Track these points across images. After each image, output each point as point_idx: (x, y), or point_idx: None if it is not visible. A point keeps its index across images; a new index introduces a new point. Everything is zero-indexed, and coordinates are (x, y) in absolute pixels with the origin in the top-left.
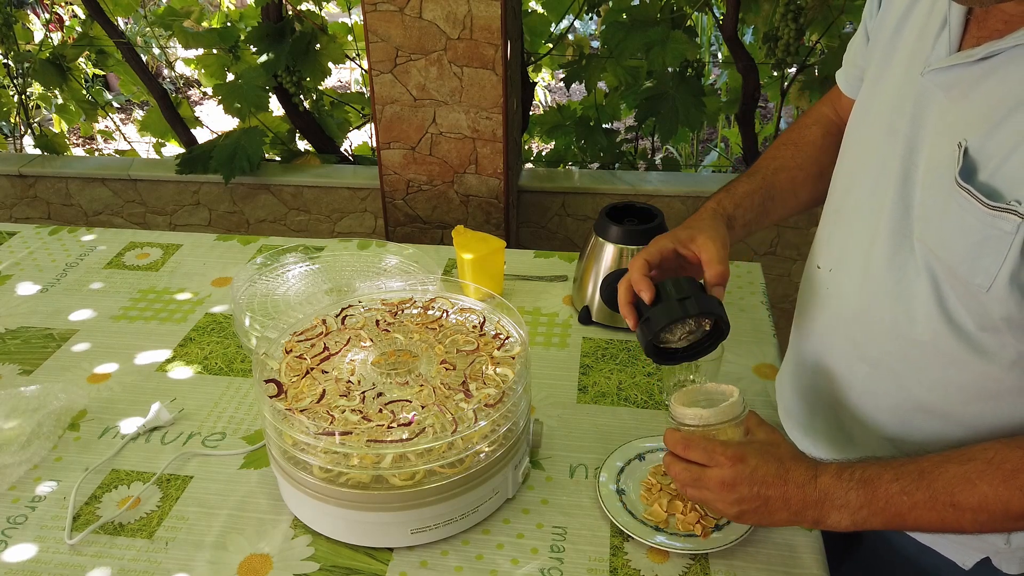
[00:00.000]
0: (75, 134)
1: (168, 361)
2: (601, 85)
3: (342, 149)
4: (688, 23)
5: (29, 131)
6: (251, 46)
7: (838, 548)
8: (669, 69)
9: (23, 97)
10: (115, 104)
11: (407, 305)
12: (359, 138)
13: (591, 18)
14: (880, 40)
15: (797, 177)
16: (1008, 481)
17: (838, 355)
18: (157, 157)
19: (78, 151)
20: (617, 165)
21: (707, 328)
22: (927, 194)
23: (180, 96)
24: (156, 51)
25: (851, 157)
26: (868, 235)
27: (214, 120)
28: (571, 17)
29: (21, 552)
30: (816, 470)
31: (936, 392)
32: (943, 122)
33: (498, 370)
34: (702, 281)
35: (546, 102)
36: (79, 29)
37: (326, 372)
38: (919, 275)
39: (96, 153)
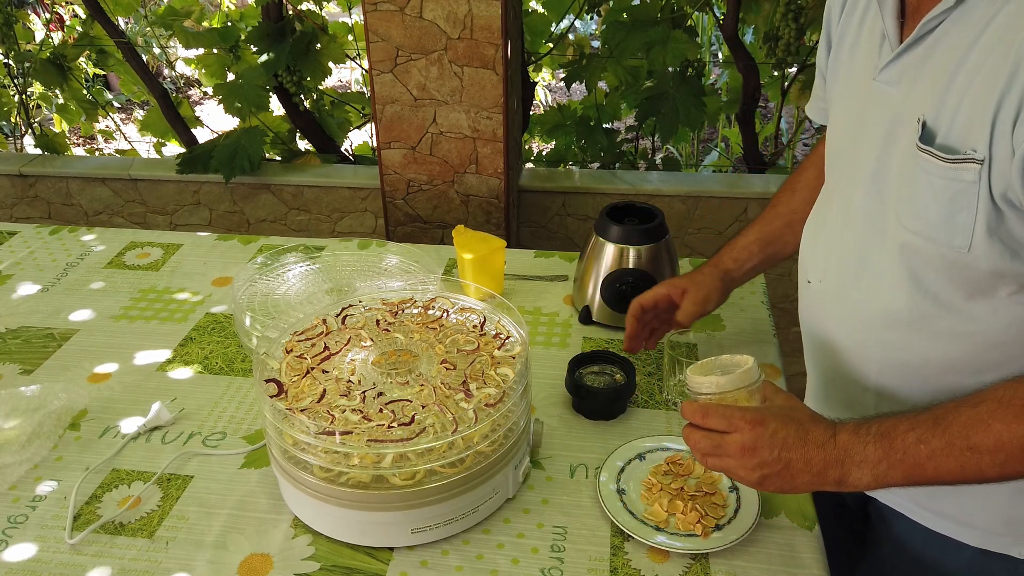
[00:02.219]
0: (75, 134)
1: (168, 361)
2: (601, 85)
3: (342, 149)
4: (688, 23)
5: (30, 131)
6: (251, 46)
7: (852, 555)
8: (669, 69)
9: (24, 97)
10: (115, 104)
11: (407, 305)
12: (359, 138)
13: (591, 18)
14: (839, 73)
15: (792, 220)
16: (1020, 417)
17: (848, 359)
18: (157, 157)
19: (78, 151)
20: (617, 165)
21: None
22: (898, 175)
23: (180, 96)
24: (156, 51)
25: (827, 178)
26: (844, 240)
27: (214, 120)
28: (571, 17)
29: (21, 552)
30: (835, 429)
31: (948, 373)
32: (902, 113)
33: (498, 370)
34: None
35: (546, 102)
36: (80, 29)
37: (326, 372)
38: (895, 266)
39: (96, 153)
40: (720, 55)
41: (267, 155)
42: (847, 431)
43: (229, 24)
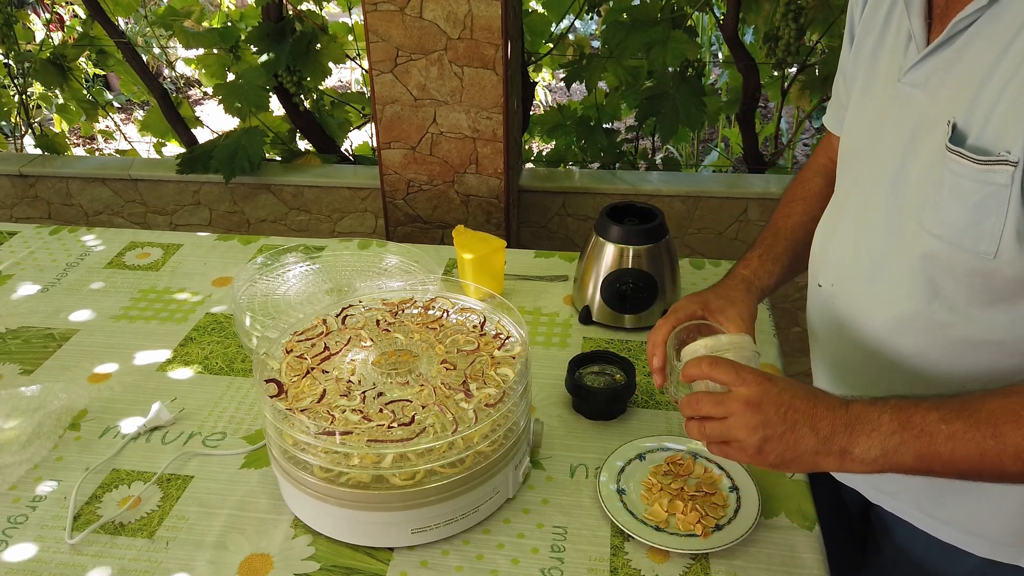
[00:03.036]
0: (75, 134)
1: (168, 361)
2: (601, 85)
3: (342, 149)
4: (688, 23)
5: (30, 131)
6: (251, 46)
7: (853, 560)
8: (669, 69)
9: (24, 97)
10: (115, 104)
11: (407, 305)
12: (359, 138)
13: (591, 18)
14: (859, 72)
15: (812, 229)
16: None
17: (859, 364)
18: (157, 157)
19: (79, 151)
20: (617, 165)
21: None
22: (921, 179)
23: (180, 96)
24: (156, 51)
25: (842, 179)
26: (859, 244)
27: (214, 120)
28: (571, 17)
29: (22, 552)
30: (848, 399)
31: (961, 381)
32: (928, 116)
33: (498, 370)
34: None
35: (546, 102)
36: (80, 29)
37: (326, 372)
38: (912, 273)
39: (96, 153)
40: (720, 55)
41: (267, 155)
42: (862, 401)
43: (229, 24)
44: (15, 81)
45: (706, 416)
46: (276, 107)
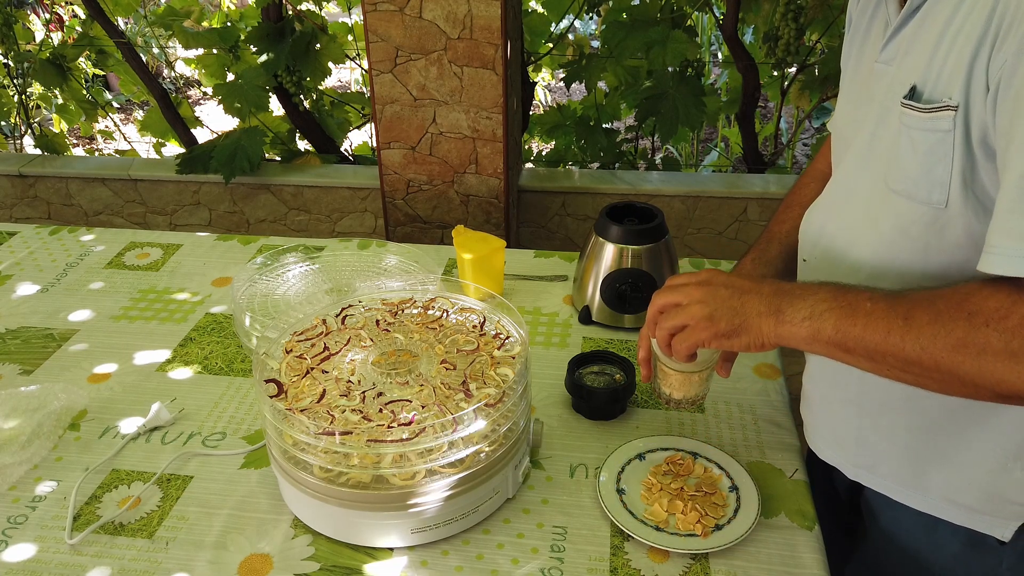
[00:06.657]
0: (75, 134)
1: (168, 361)
2: (601, 85)
3: (342, 149)
4: (688, 23)
5: (29, 131)
6: (251, 46)
7: (843, 548)
8: (669, 69)
9: (23, 97)
10: (115, 104)
11: (407, 305)
12: (359, 138)
13: (591, 18)
14: (849, 65)
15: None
16: (959, 318)
17: None
18: (157, 157)
19: (78, 151)
20: (617, 165)
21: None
22: (888, 146)
23: (180, 96)
24: (156, 51)
25: (834, 168)
26: (837, 215)
27: (214, 120)
28: (571, 17)
29: (21, 552)
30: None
31: None
32: (895, 87)
33: (498, 370)
34: None
35: (546, 102)
36: (79, 29)
37: (326, 372)
38: (882, 242)
39: (96, 153)
40: (720, 55)
41: (267, 155)
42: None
43: (229, 24)
44: (15, 81)
45: (665, 306)
46: (276, 107)
